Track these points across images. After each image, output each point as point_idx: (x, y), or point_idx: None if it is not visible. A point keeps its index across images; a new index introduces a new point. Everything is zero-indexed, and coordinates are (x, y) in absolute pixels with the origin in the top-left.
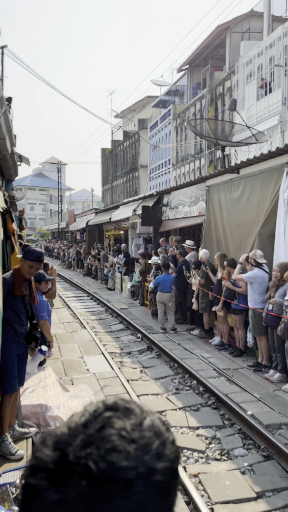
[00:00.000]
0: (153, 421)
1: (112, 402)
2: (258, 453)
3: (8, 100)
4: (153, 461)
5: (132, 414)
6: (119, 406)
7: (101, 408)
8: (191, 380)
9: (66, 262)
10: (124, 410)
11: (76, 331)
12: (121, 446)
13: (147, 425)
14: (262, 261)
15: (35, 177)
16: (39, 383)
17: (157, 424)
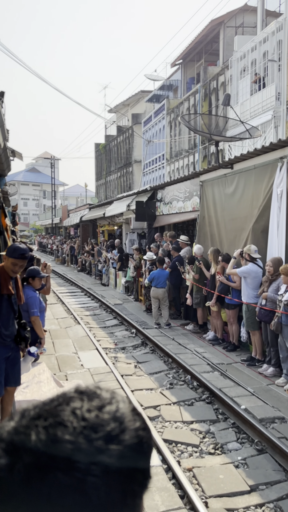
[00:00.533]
0: (119, 409)
1: (86, 387)
2: (251, 447)
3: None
4: (100, 441)
5: (97, 398)
6: (89, 390)
7: (71, 390)
8: (185, 375)
9: (60, 258)
10: (91, 394)
11: (70, 326)
12: (69, 421)
13: (109, 410)
14: (256, 256)
15: (28, 172)
16: (33, 378)
17: (123, 412)
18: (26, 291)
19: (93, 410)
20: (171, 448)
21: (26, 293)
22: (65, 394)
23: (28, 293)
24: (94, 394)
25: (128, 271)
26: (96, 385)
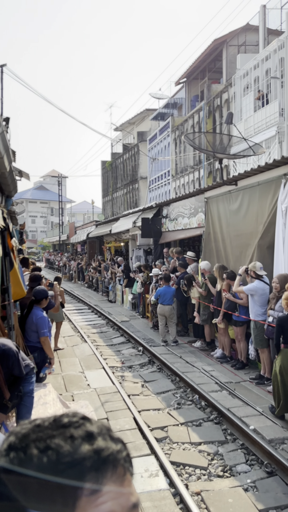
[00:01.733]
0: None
1: None
2: (261, 469)
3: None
4: None
5: (65, 416)
6: None
7: None
8: (193, 394)
9: (67, 275)
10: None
11: (77, 345)
12: None
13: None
14: (262, 273)
15: (36, 190)
16: (39, 400)
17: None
18: (35, 311)
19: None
20: (179, 470)
21: (35, 313)
22: None
23: (37, 313)
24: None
25: (135, 285)
26: None
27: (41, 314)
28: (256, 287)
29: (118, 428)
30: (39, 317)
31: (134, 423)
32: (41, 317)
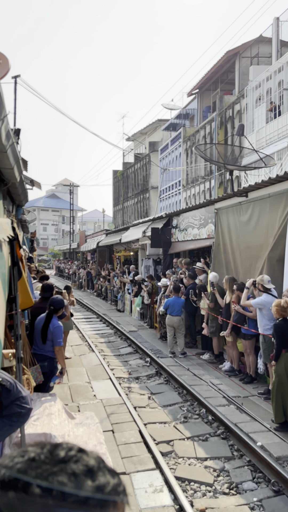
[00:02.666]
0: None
1: None
2: (268, 487)
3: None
4: None
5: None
6: None
7: None
8: (200, 408)
9: (77, 283)
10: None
11: (85, 354)
12: None
13: (59, 456)
14: (270, 286)
15: (48, 198)
16: (44, 410)
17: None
18: (53, 321)
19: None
20: (184, 486)
21: (53, 323)
22: None
23: (55, 323)
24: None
25: (139, 299)
26: None
27: (57, 323)
28: (264, 301)
29: (123, 441)
30: (55, 326)
31: (140, 436)
32: (58, 327)
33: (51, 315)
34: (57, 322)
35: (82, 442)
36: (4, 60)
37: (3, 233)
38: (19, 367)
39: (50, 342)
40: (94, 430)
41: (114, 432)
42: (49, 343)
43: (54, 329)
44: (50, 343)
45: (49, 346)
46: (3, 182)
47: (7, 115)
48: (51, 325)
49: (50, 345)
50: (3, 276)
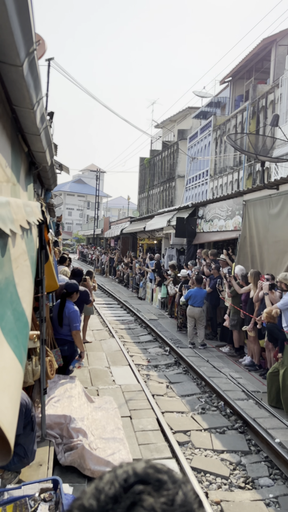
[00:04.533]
0: (185, 497)
1: (143, 472)
2: (285, 485)
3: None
4: None
5: (164, 489)
6: (150, 477)
7: (131, 479)
8: (218, 400)
9: (99, 268)
10: (155, 483)
11: (105, 339)
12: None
13: (179, 503)
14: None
15: (74, 183)
16: (65, 393)
17: (189, 500)
18: (68, 305)
19: (167, 509)
20: (200, 477)
21: (67, 307)
22: (129, 485)
23: (70, 307)
24: (158, 482)
25: (163, 288)
26: (153, 465)
27: (73, 308)
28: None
29: (141, 427)
30: (71, 311)
31: (157, 424)
32: (74, 311)
33: (64, 299)
34: (72, 307)
35: (100, 426)
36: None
37: (33, 216)
38: (43, 349)
39: (67, 327)
40: (112, 415)
41: (132, 418)
42: (67, 328)
43: (70, 313)
44: (67, 327)
45: (67, 330)
46: (34, 166)
47: (42, 98)
48: (67, 310)
49: (68, 329)
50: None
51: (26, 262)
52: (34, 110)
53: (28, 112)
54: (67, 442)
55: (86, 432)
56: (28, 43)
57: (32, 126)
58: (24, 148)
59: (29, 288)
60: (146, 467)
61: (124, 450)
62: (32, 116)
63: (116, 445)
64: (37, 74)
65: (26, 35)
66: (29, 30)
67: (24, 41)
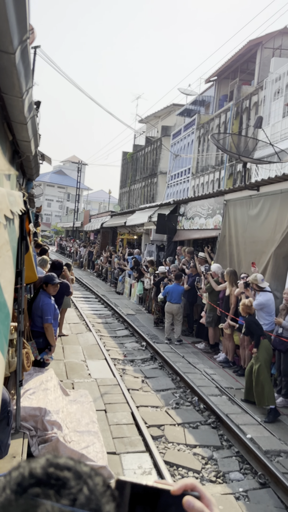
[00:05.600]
0: (91, 493)
1: (41, 472)
2: (254, 479)
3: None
4: None
5: (66, 488)
6: (50, 477)
7: (26, 482)
8: (192, 395)
9: (77, 261)
10: (56, 482)
11: (82, 333)
12: None
13: (82, 502)
14: (264, 285)
15: (55, 174)
16: (40, 385)
17: (95, 495)
18: (42, 297)
19: (66, 511)
20: (172, 471)
21: (41, 299)
22: (23, 489)
23: (44, 299)
24: (58, 481)
25: (140, 285)
26: (54, 462)
27: (48, 300)
28: (264, 300)
29: (115, 421)
30: (45, 303)
31: (132, 418)
32: (47, 303)
33: (39, 290)
34: (47, 299)
35: (75, 419)
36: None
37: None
38: (20, 340)
39: (40, 319)
40: (87, 408)
41: (107, 412)
42: (40, 320)
43: (43, 305)
44: (40, 319)
45: (41, 322)
46: (18, 155)
47: (32, 86)
48: (41, 302)
49: (41, 321)
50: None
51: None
52: (23, 98)
53: (17, 100)
54: (42, 434)
55: (61, 425)
56: (22, 31)
57: (19, 115)
58: (9, 137)
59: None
60: (46, 466)
61: (98, 444)
62: (20, 105)
63: (91, 438)
64: (28, 62)
65: (20, 23)
66: (24, 18)
67: (18, 28)
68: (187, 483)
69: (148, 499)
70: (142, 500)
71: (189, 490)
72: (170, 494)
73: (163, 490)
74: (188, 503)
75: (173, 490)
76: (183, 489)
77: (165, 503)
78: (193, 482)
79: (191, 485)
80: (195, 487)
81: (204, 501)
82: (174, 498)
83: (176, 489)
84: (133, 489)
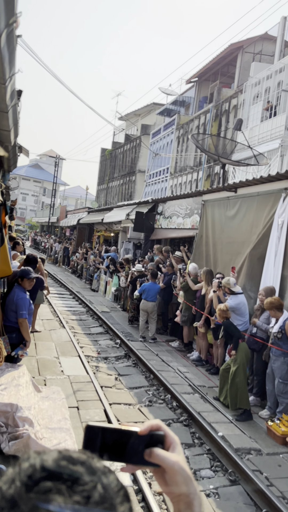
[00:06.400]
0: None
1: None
2: (224, 477)
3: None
4: None
5: (79, 484)
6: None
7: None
8: (165, 393)
9: (52, 257)
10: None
11: (55, 329)
12: None
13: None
14: (236, 289)
15: (31, 168)
16: (12, 381)
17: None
18: (16, 291)
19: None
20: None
21: (16, 293)
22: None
23: (19, 294)
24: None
25: (115, 279)
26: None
27: (22, 294)
28: (235, 304)
29: (88, 418)
30: (19, 298)
31: (104, 415)
32: (22, 298)
33: (13, 284)
34: (22, 294)
35: (47, 416)
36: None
37: None
38: None
39: (14, 313)
40: (59, 405)
41: (79, 409)
42: (14, 315)
43: (18, 300)
44: (14, 314)
45: (15, 317)
46: None
47: (16, 73)
48: (15, 296)
49: (15, 316)
50: None
51: None
52: (5, 85)
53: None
54: (12, 431)
55: (32, 422)
56: (9, 13)
57: (1, 103)
58: None
59: None
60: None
61: (70, 441)
62: (3, 92)
63: (63, 435)
64: (13, 47)
65: (8, 4)
66: (12, 0)
67: (5, 10)
68: (152, 424)
69: (117, 444)
70: (111, 445)
71: (155, 430)
72: (137, 435)
73: (130, 431)
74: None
75: (140, 431)
76: (149, 429)
77: (133, 445)
78: (158, 422)
79: (156, 426)
80: (160, 427)
81: (168, 439)
82: (141, 439)
83: (143, 429)
84: (103, 433)
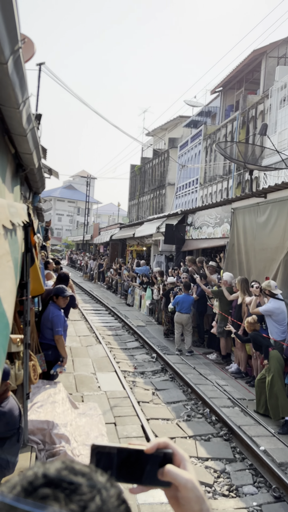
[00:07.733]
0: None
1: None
2: (268, 493)
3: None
4: None
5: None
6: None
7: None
8: (204, 407)
9: (88, 274)
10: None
11: (91, 345)
12: None
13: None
14: (277, 291)
15: (64, 189)
16: (48, 398)
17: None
18: (51, 309)
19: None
20: None
21: (51, 311)
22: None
23: (54, 311)
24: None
25: (148, 291)
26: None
27: (57, 312)
28: (272, 307)
29: (125, 434)
30: (55, 315)
31: (142, 431)
32: (57, 315)
33: (48, 303)
34: (57, 311)
35: (84, 432)
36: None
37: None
38: (26, 353)
39: (50, 331)
40: (96, 421)
41: (117, 425)
42: (50, 332)
43: (53, 317)
44: (50, 331)
45: (51, 334)
46: (21, 168)
47: (29, 97)
48: (50, 313)
49: (51, 333)
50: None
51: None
52: (20, 110)
53: (14, 111)
54: (50, 448)
55: (69, 438)
56: (13, 41)
57: (18, 127)
58: (11, 150)
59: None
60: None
61: None
62: (18, 116)
63: None
64: (22, 73)
65: (10, 32)
66: (13, 28)
67: (8, 38)
68: (159, 441)
69: (125, 464)
70: (119, 465)
71: (162, 448)
72: (144, 453)
73: (137, 450)
74: None
75: (146, 449)
76: (156, 447)
77: (144, 464)
78: (165, 440)
79: (163, 443)
80: (168, 445)
81: (178, 457)
82: (149, 458)
83: (150, 448)
84: (109, 453)
